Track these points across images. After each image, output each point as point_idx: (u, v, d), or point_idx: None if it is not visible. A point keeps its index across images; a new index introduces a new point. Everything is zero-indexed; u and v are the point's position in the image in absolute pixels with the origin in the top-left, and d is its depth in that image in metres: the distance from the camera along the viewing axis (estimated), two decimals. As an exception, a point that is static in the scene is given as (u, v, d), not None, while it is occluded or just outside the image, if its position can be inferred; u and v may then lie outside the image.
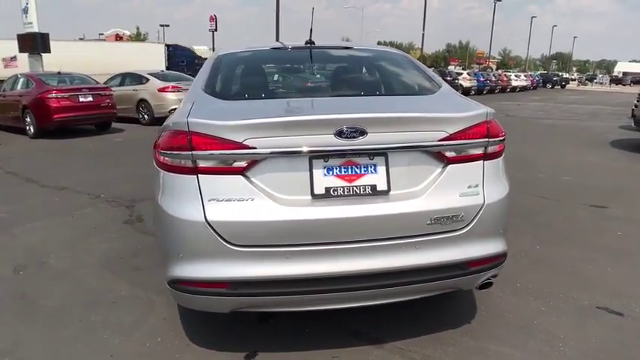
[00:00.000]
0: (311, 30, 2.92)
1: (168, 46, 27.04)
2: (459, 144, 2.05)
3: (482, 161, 2.13)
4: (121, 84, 12.86)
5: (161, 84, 12.21)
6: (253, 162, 1.90)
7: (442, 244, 2.06)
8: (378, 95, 2.57)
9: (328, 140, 1.91)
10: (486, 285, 2.28)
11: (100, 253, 3.61)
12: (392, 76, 2.88)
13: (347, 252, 1.96)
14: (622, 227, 4.16)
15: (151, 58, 22.81)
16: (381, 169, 2.00)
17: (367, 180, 1.99)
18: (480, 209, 2.10)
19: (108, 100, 10.57)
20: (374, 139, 1.94)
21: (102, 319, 2.66)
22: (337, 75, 3.00)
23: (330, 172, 1.97)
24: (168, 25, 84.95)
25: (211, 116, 1.96)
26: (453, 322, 2.58)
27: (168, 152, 1.96)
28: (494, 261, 2.20)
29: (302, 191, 1.95)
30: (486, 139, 2.11)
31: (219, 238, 1.89)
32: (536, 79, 41.89)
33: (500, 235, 2.22)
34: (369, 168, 2.00)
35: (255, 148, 1.88)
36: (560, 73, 64.14)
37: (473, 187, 2.10)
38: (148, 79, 12.41)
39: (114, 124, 11.23)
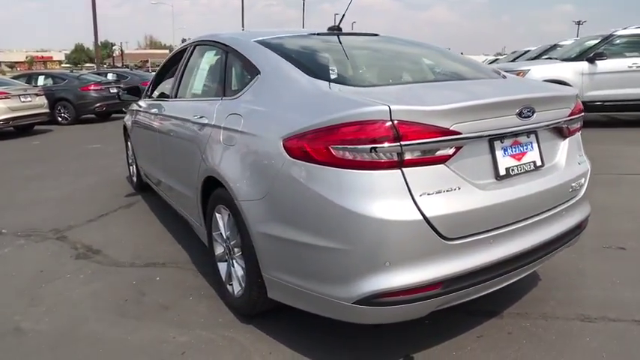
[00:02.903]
0: (343, 16, 2.98)
1: None
2: (575, 118, 2.32)
3: (579, 133, 2.44)
4: None
5: (-20, 90, 9.73)
6: (457, 149, 1.78)
7: (574, 208, 2.29)
8: (490, 79, 2.61)
9: (510, 121, 1.94)
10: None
11: (87, 301, 2.76)
12: (465, 62, 2.91)
13: (529, 227, 2.01)
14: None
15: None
16: (535, 146, 2.13)
17: (529, 157, 2.10)
18: (588, 173, 2.40)
19: None
20: (536, 118, 2.03)
21: (192, 375, 2.07)
22: (422, 60, 2.93)
23: (506, 153, 2.00)
24: None
25: (411, 102, 1.78)
26: (530, 281, 2.78)
27: (361, 146, 1.66)
28: (588, 218, 2.48)
29: (488, 174, 1.94)
30: (582, 114, 2.42)
31: (436, 235, 1.71)
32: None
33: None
34: (528, 146, 2.10)
35: (460, 133, 1.77)
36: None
37: (580, 155, 2.41)
38: (-41, 85, 9.71)
39: None
